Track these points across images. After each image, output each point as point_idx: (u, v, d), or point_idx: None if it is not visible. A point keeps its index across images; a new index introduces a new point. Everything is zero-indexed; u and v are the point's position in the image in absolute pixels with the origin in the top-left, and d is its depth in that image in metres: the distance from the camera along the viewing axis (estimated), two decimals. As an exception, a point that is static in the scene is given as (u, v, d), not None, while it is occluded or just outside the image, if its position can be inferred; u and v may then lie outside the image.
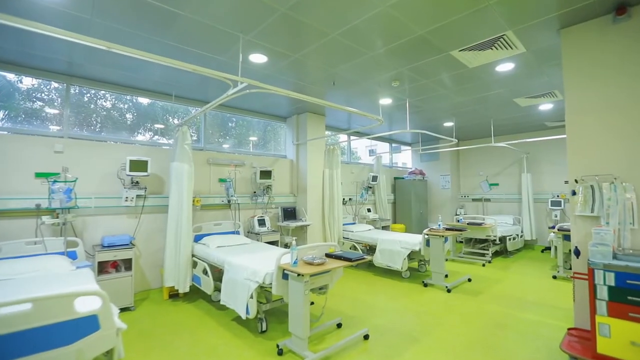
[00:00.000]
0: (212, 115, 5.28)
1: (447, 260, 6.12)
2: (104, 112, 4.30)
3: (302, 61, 3.56)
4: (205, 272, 3.72)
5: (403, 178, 7.92)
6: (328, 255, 3.03)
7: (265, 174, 5.20)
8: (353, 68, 3.75)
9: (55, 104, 3.95)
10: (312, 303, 3.46)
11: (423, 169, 8.55)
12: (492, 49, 3.28)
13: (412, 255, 4.95)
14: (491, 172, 8.17)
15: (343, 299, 4.06)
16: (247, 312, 2.93)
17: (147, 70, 3.77)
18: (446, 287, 4.31)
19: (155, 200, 4.27)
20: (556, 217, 6.96)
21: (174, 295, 4.06)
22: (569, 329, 2.63)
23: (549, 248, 7.04)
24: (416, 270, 5.40)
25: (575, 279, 2.59)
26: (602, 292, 2.21)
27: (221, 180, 4.88)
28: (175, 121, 4.95)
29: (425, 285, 4.53)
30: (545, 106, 5.37)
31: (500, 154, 7.95)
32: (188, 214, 3.98)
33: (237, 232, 4.84)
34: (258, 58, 3.45)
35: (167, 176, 4.33)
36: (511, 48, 3.27)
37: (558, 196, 7.05)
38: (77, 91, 4.07)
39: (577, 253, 2.64)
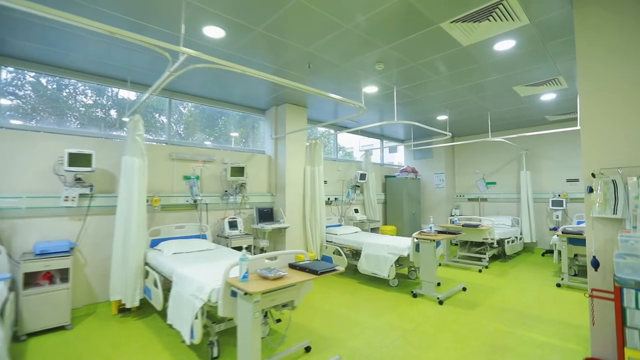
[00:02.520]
0: (183, 106, 4.74)
1: (440, 265, 5.62)
2: (44, 99, 3.74)
3: (268, 37, 3.03)
4: (155, 283, 3.18)
5: (394, 176, 7.40)
6: (292, 266, 2.50)
7: (237, 171, 4.66)
8: (329, 46, 3.22)
9: (-16, 88, 3.39)
10: (278, 320, 2.93)
11: (416, 166, 8.05)
12: (489, 20, 2.76)
13: (401, 261, 4.44)
14: (488, 170, 7.68)
15: (318, 313, 3.53)
16: (192, 336, 2.39)
17: (80, 47, 3.20)
18: (438, 298, 3.79)
19: (104, 200, 3.71)
20: (557, 218, 6.48)
21: (125, 309, 3.51)
22: None
23: (550, 251, 6.56)
24: (406, 277, 4.88)
25: (594, 298, 2.07)
26: (635, 319, 1.69)
27: (186, 178, 4.33)
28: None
29: (415, 295, 4.01)
30: (548, 96, 4.87)
31: (498, 150, 7.46)
32: (140, 215, 3.43)
33: (204, 236, 4.29)
34: (214, 32, 2.91)
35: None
36: (512, 19, 2.76)
37: (559, 195, 6.57)
38: (8, 75, 3.51)
39: (596, 265, 2.12)
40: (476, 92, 4.66)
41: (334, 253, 5.08)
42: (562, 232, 4.49)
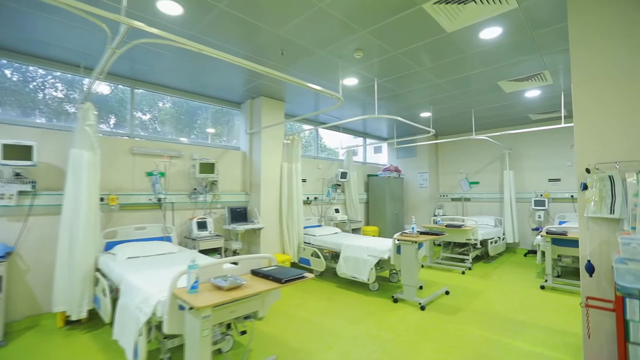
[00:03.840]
0: (163, 102, 4.34)
1: (422, 267, 5.42)
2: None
3: (233, 16, 2.71)
4: (105, 292, 2.80)
5: (377, 175, 7.18)
6: (255, 273, 2.19)
7: (207, 167, 4.30)
8: (303, 29, 2.93)
9: None
10: (243, 332, 2.61)
11: (399, 165, 7.85)
12: (475, 1, 2.54)
13: (381, 264, 4.19)
14: (471, 170, 7.57)
15: (291, 322, 3.23)
16: (136, 356, 2.05)
17: (17, 23, 2.80)
18: (419, 303, 3.56)
19: (51, 198, 3.29)
20: (540, 218, 6.40)
21: (73, 321, 3.11)
22: (579, 375, 1.90)
23: (532, 252, 6.48)
24: (387, 280, 4.64)
25: (590, 307, 1.85)
26: (640, 334, 1.47)
27: (149, 174, 3.94)
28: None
29: (396, 300, 3.77)
30: (532, 93, 4.73)
31: (481, 149, 7.35)
32: (90, 215, 3.04)
33: (168, 238, 3.92)
34: (169, 7, 2.57)
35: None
36: (500, 2, 2.54)
37: (542, 195, 6.50)
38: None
39: (590, 269, 1.91)
40: (460, 86, 4.47)
41: (312, 255, 4.79)
42: (546, 233, 4.35)
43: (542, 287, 4.28)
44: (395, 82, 4.30)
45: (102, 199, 3.55)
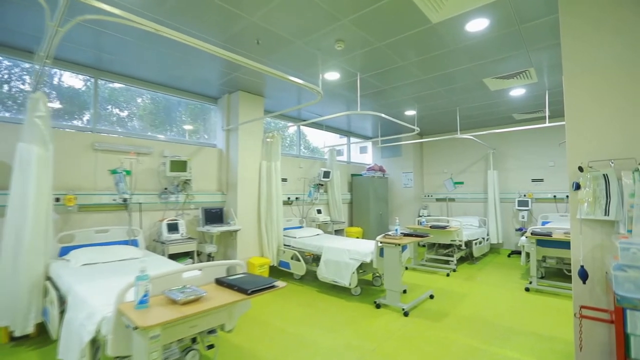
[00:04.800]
0: (127, 93, 4.02)
1: (407, 269, 5.27)
2: None
3: (201, -3, 2.46)
4: (53, 304, 2.50)
5: (361, 175, 7.01)
6: (219, 282, 1.96)
7: (178, 165, 4.01)
8: (279, 16, 2.71)
9: None
10: (210, 347, 2.36)
11: (384, 165, 7.72)
12: (462, -12, 2.38)
13: (364, 267, 4.01)
14: (456, 170, 7.50)
15: (265, 331, 3.00)
16: (79, 380, 1.78)
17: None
18: (403, 309, 3.39)
19: (-4, 198, 2.95)
20: (523, 218, 6.38)
21: (21, 336, 2.77)
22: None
23: (516, 252, 6.44)
24: (370, 283, 4.47)
25: (584, 318, 1.70)
26: (644, 351, 1.32)
27: (113, 172, 3.63)
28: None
29: (378, 306, 3.59)
30: (517, 91, 4.66)
31: (466, 149, 7.30)
32: (38, 216, 2.72)
33: (134, 242, 3.62)
34: (128, -16, 2.31)
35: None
36: (487, -10, 2.40)
37: (525, 195, 6.48)
38: None
39: (584, 276, 1.77)
40: (446, 83, 4.34)
41: (292, 258, 4.57)
42: (531, 234, 4.26)
43: (527, 290, 4.19)
44: (379, 78, 4.12)
45: (57, 199, 3.22)
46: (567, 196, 6.04)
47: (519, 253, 6.25)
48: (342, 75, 4.05)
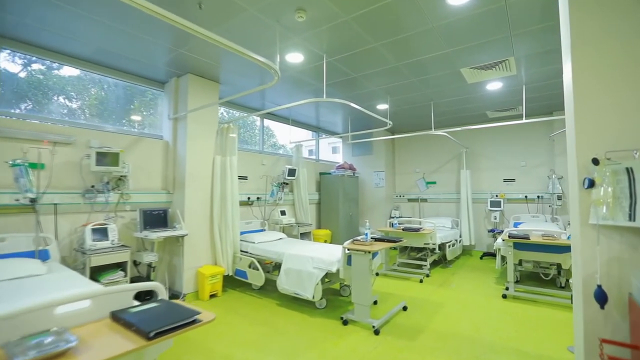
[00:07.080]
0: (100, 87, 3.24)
1: (377, 275, 4.85)
2: None
3: None
4: None
5: (330, 173, 6.54)
6: (116, 319, 1.37)
7: (108, 158, 3.32)
8: (221, -32, 2.15)
9: None
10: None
11: (355, 163, 7.31)
12: (446, -59, 1.95)
13: (330, 277, 3.52)
14: (428, 169, 7.24)
15: (207, 358, 2.42)
16: None
17: None
18: (373, 326, 2.93)
19: None
20: (495, 219, 6.20)
21: None
22: None
23: (488, 254, 6.26)
24: (337, 293, 3.99)
25: (610, 358, 1.29)
26: None
27: (13, 165, 2.87)
28: None
29: (345, 322, 3.11)
30: (494, 85, 4.38)
31: (439, 148, 7.05)
32: None
33: (44, 253, 2.89)
34: None
35: None
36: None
37: (497, 196, 6.31)
38: None
39: (602, 299, 1.37)
40: (420, 73, 3.95)
41: (249, 266, 3.99)
42: (509, 237, 3.98)
43: (504, 297, 3.89)
44: (348, 63, 3.66)
45: None
46: (539, 197, 5.96)
47: (492, 255, 6.07)
48: (307, 58, 3.53)
